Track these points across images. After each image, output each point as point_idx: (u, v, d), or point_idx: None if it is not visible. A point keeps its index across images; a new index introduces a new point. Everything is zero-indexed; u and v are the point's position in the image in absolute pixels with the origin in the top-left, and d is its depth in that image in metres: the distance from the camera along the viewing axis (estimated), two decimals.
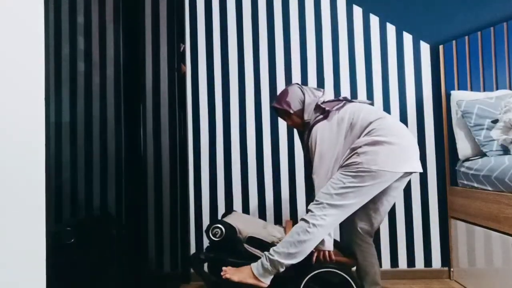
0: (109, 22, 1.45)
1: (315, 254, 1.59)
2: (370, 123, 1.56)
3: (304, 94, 1.71)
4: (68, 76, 1.12)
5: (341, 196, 1.51)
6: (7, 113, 0.79)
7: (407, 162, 1.55)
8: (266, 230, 1.74)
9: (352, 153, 1.55)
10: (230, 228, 1.64)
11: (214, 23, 2.39)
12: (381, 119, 1.57)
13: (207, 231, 1.65)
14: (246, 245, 1.64)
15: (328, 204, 1.51)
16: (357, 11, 2.35)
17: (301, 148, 2.30)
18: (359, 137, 1.57)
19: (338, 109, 1.63)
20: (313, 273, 1.56)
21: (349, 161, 1.54)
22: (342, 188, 1.51)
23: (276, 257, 1.51)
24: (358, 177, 1.50)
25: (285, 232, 1.79)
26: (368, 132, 1.55)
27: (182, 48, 2.33)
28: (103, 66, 1.39)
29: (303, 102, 1.70)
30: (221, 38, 2.38)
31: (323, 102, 1.69)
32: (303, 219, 1.54)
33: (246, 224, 1.71)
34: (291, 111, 1.71)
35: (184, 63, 2.36)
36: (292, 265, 1.53)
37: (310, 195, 1.68)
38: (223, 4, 2.39)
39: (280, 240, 1.62)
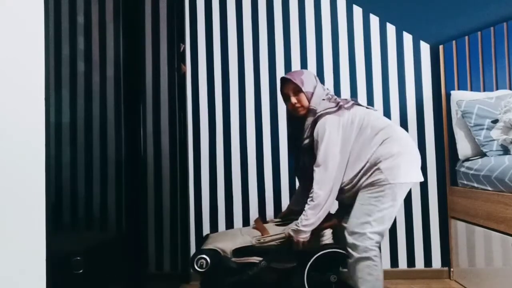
0: (109, 22, 1.45)
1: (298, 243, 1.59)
2: (380, 130, 1.57)
3: (316, 81, 1.68)
4: (68, 76, 1.12)
5: (379, 221, 1.52)
6: (7, 113, 0.79)
7: (417, 171, 1.59)
8: (244, 235, 1.71)
9: (374, 169, 1.54)
10: (212, 253, 1.60)
11: (214, 23, 2.39)
12: (390, 127, 1.60)
13: (192, 266, 1.59)
14: (234, 259, 1.61)
15: (371, 232, 1.51)
16: (357, 11, 2.35)
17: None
18: (370, 144, 1.56)
19: (348, 108, 1.62)
20: (312, 259, 1.55)
21: (373, 178, 1.54)
22: (377, 212, 1.52)
23: None
24: (388, 196, 1.51)
25: (258, 229, 1.75)
26: (382, 141, 1.55)
27: (182, 48, 2.33)
28: (103, 66, 1.39)
29: (315, 88, 1.65)
30: (221, 38, 2.38)
31: (340, 99, 1.68)
32: (368, 258, 1.51)
33: (225, 241, 1.68)
34: (304, 90, 1.63)
35: (184, 63, 2.36)
36: (291, 256, 1.54)
37: (304, 189, 1.66)
38: (223, 4, 2.39)
39: (261, 237, 1.62)
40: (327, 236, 1.68)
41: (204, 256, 1.57)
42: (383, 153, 1.54)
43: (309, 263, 1.55)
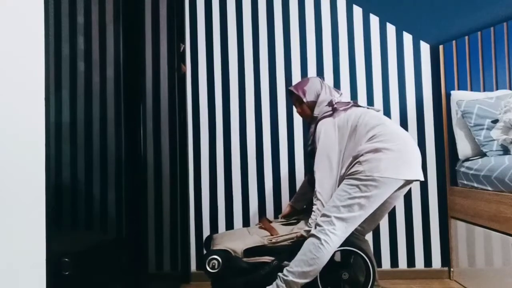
0: (109, 22, 1.45)
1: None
2: (372, 128, 1.57)
3: (321, 89, 1.75)
4: (68, 76, 1.12)
5: (348, 208, 1.50)
6: (7, 113, 0.79)
7: (409, 170, 1.55)
8: (254, 235, 1.71)
9: (355, 161, 1.55)
10: (224, 253, 1.59)
11: (214, 23, 2.39)
12: (383, 125, 1.57)
13: (204, 268, 1.58)
14: (245, 259, 1.61)
15: (336, 217, 1.50)
16: (357, 11, 2.35)
17: (301, 146, 2.31)
18: (361, 141, 1.57)
19: (345, 110, 1.66)
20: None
21: (352, 170, 1.55)
22: (348, 199, 1.50)
23: (290, 278, 1.49)
24: (363, 186, 1.50)
25: (266, 229, 1.74)
26: (370, 138, 1.55)
27: (182, 48, 2.33)
28: (103, 66, 1.39)
29: (318, 96, 1.74)
30: (221, 38, 2.38)
31: (336, 102, 1.71)
32: (313, 235, 1.51)
33: (234, 241, 1.67)
34: (304, 100, 1.75)
35: (184, 63, 2.36)
36: None
37: (312, 190, 1.67)
38: (223, 4, 2.39)
39: (273, 237, 1.63)
40: None
41: (216, 256, 1.57)
42: (366, 147, 1.54)
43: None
